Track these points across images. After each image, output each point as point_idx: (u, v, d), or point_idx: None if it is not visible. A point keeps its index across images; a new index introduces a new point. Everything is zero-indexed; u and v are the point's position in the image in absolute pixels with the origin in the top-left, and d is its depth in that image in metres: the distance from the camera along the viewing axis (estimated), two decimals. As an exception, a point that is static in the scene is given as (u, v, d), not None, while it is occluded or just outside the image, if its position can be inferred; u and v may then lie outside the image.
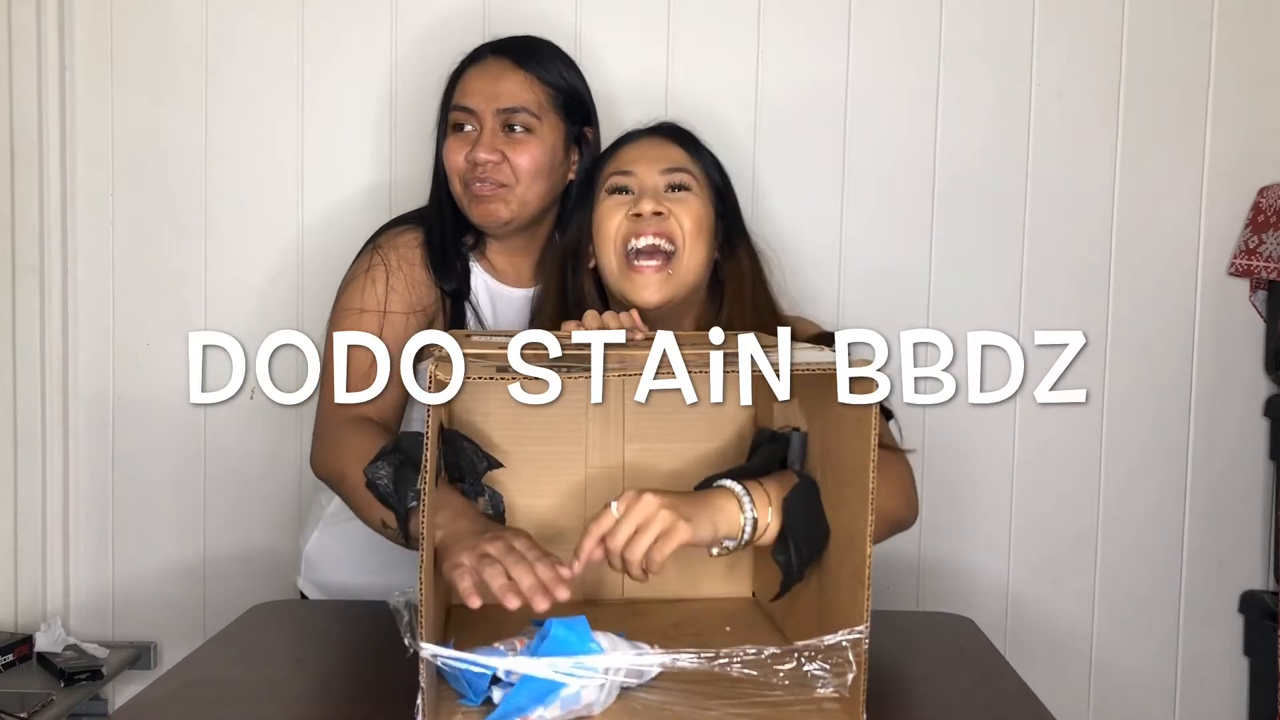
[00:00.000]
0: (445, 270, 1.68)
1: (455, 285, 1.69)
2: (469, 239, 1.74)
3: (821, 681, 1.12)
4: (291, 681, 1.31)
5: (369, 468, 1.26)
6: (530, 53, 1.72)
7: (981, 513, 2.19)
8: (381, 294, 1.62)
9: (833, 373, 1.12)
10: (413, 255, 1.67)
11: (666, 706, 1.11)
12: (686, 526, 1.20)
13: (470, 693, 1.12)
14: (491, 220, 1.68)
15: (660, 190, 1.58)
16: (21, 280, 2.17)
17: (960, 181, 2.16)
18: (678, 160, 1.60)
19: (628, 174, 1.59)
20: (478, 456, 1.35)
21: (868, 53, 2.15)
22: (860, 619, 1.11)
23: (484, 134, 1.66)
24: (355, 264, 1.69)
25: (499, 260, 1.76)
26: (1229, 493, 2.20)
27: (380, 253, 1.66)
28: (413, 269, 1.66)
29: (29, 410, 2.18)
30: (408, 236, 1.69)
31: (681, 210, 1.56)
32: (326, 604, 1.58)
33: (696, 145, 1.65)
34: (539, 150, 1.67)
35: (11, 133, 2.15)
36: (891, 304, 2.15)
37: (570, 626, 1.10)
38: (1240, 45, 2.14)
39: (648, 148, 1.63)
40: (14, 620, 2.21)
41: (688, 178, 1.59)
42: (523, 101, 1.67)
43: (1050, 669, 2.17)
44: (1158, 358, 2.18)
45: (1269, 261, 2.08)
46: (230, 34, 2.17)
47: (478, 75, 1.70)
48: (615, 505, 1.20)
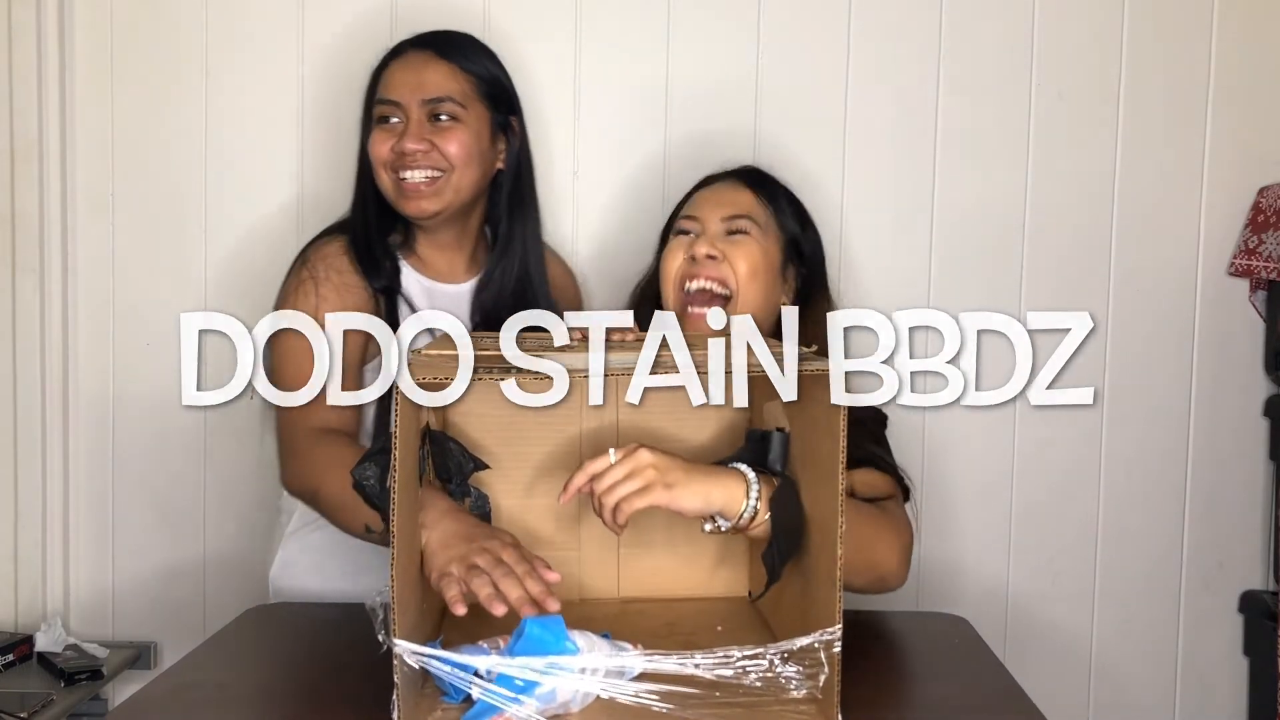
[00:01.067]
0: (374, 269, 1.67)
1: (385, 282, 1.67)
2: (396, 236, 1.73)
3: (795, 683, 1.12)
4: (286, 683, 1.32)
5: (356, 469, 1.26)
6: (452, 44, 1.73)
7: (981, 513, 2.19)
8: (312, 308, 1.59)
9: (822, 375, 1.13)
10: (340, 262, 1.66)
11: (645, 706, 1.11)
12: (665, 492, 1.23)
13: (452, 690, 1.12)
14: (421, 213, 1.68)
15: (719, 235, 1.61)
16: (21, 280, 2.17)
17: (960, 181, 2.16)
18: (744, 206, 1.63)
19: (693, 219, 1.64)
20: (464, 457, 1.36)
21: (867, 52, 2.15)
22: (833, 620, 1.11)
23: (410, 125, 1.66)
24: (286, 282, 1.69)
25: (429, 255, 1.75)
26: (1229, 493, 2.20)
27: (308, 266, 1.66)
28: (342, 275, 1.65)
29: (29, 410, 2.18)
30: (333, 245, 1.69)
31: (737, 254, 1.59)
32: (321, 607, 1.59)
33: (773, 191, 1.67)
34: (467, 137, 1.68)
35: (11, 132, 2.15)
36: (890, 303, 2.15)
37: (545, 625, 1.11)
38: (1240, 45, 2.13)
39: (719, 192, 1.67)
40: (14, 620, 2.21)
41: (749, 223, 1.61)
42: (448, 91, 1.68)
43: (1050, 669, 2.17)
44: (1158, 358, 2.18)
45: (1269, 261, 2.08)
46: (230, 34, 2.17)
47: (401, 68, 1.70)
48: (614, 452, 1.24)
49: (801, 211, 1.70)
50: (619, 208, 2.16)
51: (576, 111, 2.16)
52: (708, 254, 1.58)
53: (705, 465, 1.29)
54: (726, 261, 1.58)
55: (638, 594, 1.43)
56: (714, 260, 1.58)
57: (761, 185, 1.67)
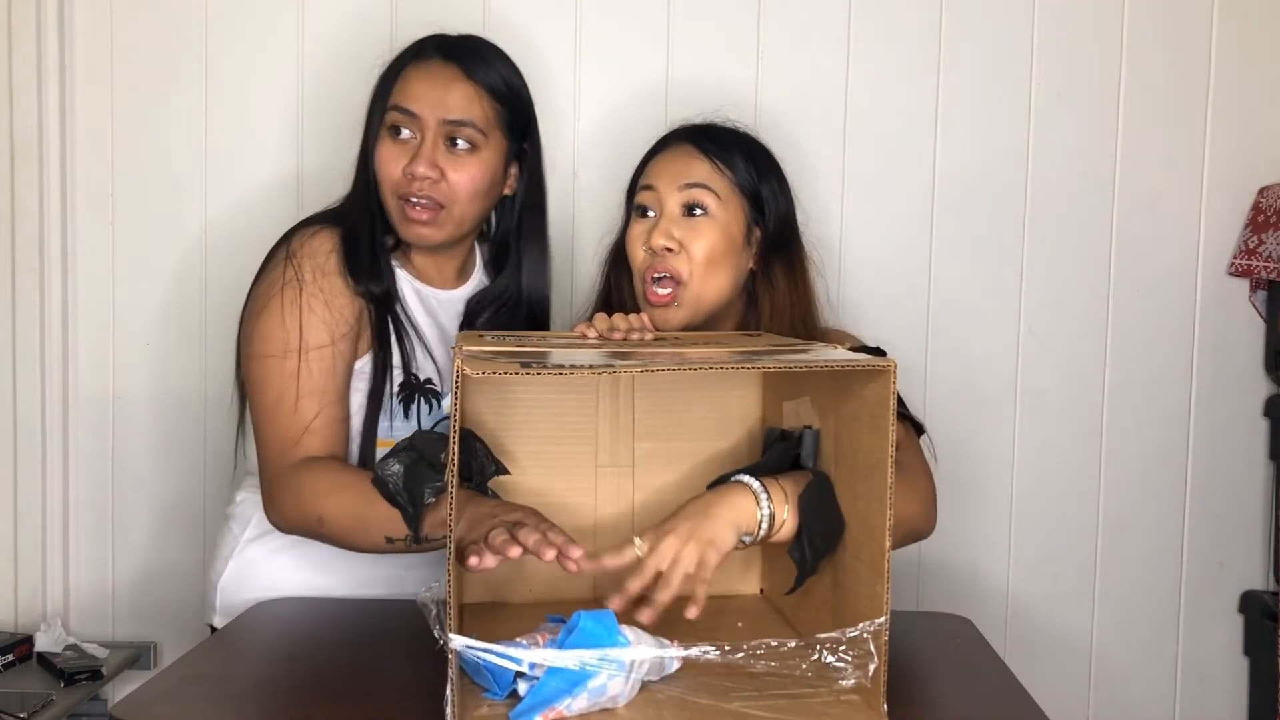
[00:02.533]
0: (369, 274, 1.58)
1: (379, 288, 1.59)
2: (389, 239, 1.65)
3: (843, 673, 1.13)
4: (290, 679, 1.31)
5: (380, 463, 1.26)
6: (479, 61, 1.63)
7: (981, 513, 2.19)
8: (295, 329, 1.52)
9: (845, 369, 1.14)
10: (328, 264, 1.56)
11: (689, 699, 1.13)
12: (713, 550, 1.22)
13: (495, 686, 1.12)
14: (421, 240, 1.62)
15: (676, 214, 1.59)
16: (21, 280, 2.17)
17: (960, 181, 2.16)
18: (699, 175, 1.60)
19: (650, 189, 1.62)
20: (488, 459, 1.35)
21: (867, 53, 2.15)
22: (880, 611, 1.12)
23: (425, 145, 1.58)
24: (267, 272, 1.59)
25: (422, 263, 1.69)
26: (1229, 493, 2.20)
27: (293, 263, 1.55)
28: (329, 278, 1.55)
29: (29, 410, 2.18)
30: (322, 241, 1.58)
31: (695, 240, 1.57)
32: (326, 602, 1.58)
33: (728, 152, 1.62)
34: (479, 171, 1.60)
35: (11, 132, 2.15)
36: (891, 303, 2.16)
37: (598, 619, 1.12)
38: (1240, 45, 2.14)
39: (671, 160, 1.63)
40: (14, 620, 2.21)
41: (706, 195, 1.59)
42: (470, 115, 1.59)
43: (1050, 669, 2.17)
44: (1158, 358, 2.18)
45: (1269, 261, 2.08)
46: (230, 34, 2.17)
47: (422, 79, 1.61)
48: (638, 541, 1.22)
49: (760, 162, 1.65)
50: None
51: (576, 111, 2.16)
52: (665, 245, 1.57)
53: (707, 495, 1.29)
54: (684, 252, 1.57)
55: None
56: (671, 252, 1.57)
57: (716, 147, 1.62)
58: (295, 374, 1.51)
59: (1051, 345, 2.18)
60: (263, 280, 1.59)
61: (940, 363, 2.16)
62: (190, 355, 2.21)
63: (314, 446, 1.50)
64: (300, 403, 1.51)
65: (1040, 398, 2.18)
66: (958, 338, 2.18)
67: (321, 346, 1.52)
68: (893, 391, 1.11)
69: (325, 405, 1.52)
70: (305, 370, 1.51)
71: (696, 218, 1.58)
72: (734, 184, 1.61)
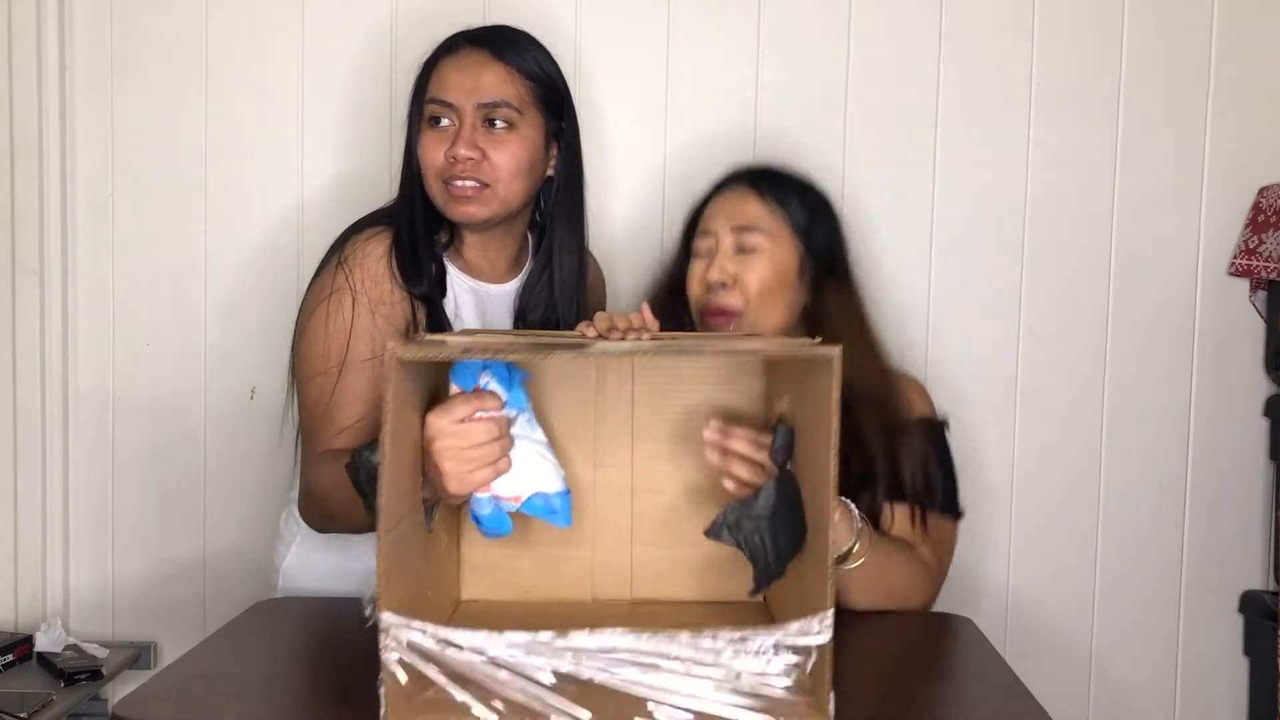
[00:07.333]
0: (416, 274, 1.61)
1: (427, 289, 1.62)
2: (443, 236, 1.68)
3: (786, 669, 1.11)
4: (291, 677, 1.32)
5: (356, 450, 1.22)
6: (509, 43, 1.66)
7: (981, 513, 2.19)
8: (338, 337, 1.56)
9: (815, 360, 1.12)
10: (379, 270, 1.59)
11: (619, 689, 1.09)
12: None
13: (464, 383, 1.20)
14: (469, 218, 1.64)
15: (730, 252, 1.65)
16: (21, 280, 2.17)
17: (959, 181, 2.16)
18: (753, 216, 1.66)
19: (707, 234, 1.67)
20: None
21: (867, 53, 2.15)
22: (824, 605, 1.09)
23: (464, 129, 1.61)
24: (320, 277, 1.62)
25: (474, 257, 1.71)
26: (1229, 493, 2.20)
27: (345, 269, 1.59)
28: (379, 287, 1.59)
29: (29, 410, 2.18)
30: (375, 245, 1.61)
31: (749, 274, 1.63)
32: (327, 601, 1.58)
33: (782, 193, 1.68)
34: (519, 148, 1.63)
35: (11, 132, 2.15)
36: (890, 304, 2.15)
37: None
38: (1240, 45, 2.14)
39: (729, 201, 1.69)
40: (14, 620, 2.21)
41: (759, 238, 1.64)
42: (504, 95, 1.62)
43: (1051, 669, 2.16)
44: (1158, 358, 2.18)
45: (1269, 261, 2.08)
46: (230, 34, 2.17)
47: (454, 68, 1.64)
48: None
49: (815, 202, 1.71)
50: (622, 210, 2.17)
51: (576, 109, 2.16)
52: (720, 281, 1.63)
53: None
54: (737, 286, 1.62)
55: (650, 595, 1.43)
56: (725, 288, 1.63)
57: (771, 188, 1.68)
58: (333, 382, 1.55)
59: (1051, 345, 2.18)
60: (316, 282, 1.63)
61: (940, 363, 2.16)
62: (190, 355, 2.21)
63: (344, 444, 1.51)
64: (334, 411, 1.55)
65: (1040, 398, 2.18)
66: (958, 338, 2.18)
67: (364, 360, 1.56)
68: (835, 383, 1.08)
69: (364, 413, 1.54)
70: (342, 381, 1.55)
71: (749, 254, 1.64)
72: (786, 222, 1.66)
